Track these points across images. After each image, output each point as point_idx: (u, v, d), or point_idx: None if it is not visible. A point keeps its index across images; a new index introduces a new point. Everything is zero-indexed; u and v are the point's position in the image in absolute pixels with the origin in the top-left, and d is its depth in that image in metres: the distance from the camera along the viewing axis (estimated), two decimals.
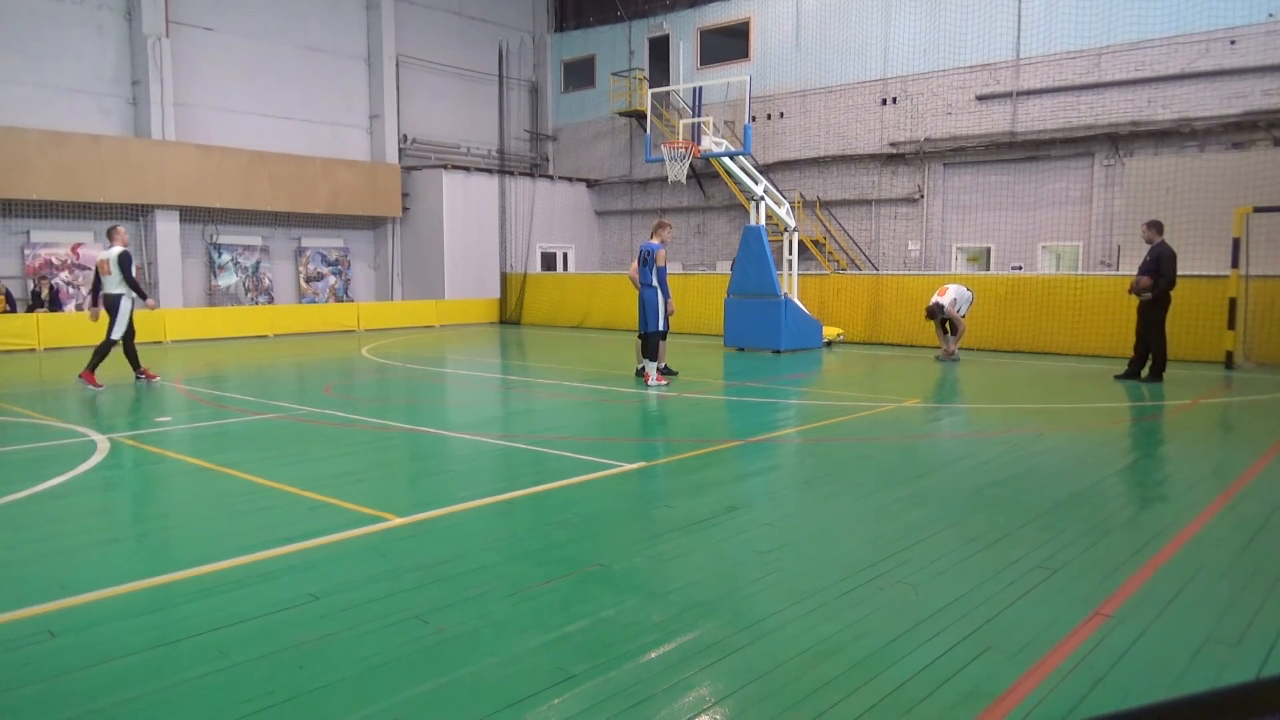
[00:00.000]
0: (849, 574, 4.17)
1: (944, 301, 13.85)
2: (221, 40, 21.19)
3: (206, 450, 7.38)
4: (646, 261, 11.11)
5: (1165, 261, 10.86)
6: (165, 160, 19.69)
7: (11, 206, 18.20)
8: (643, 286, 11.17)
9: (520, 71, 28.06)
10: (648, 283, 11.12)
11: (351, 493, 5.75)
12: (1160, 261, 10.87)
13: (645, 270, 11.13)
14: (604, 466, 6.46)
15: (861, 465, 6.77)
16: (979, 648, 3.34)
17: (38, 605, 3.78)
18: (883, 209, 21.76)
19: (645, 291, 11.14)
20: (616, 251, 27.36)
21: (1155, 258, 10.91)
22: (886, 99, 21.35)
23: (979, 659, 3.25)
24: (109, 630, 3.58)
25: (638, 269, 11.23)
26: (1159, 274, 10.89)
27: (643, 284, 11.17)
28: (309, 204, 22.31)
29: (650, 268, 11.08)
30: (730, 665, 3.21)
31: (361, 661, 3.24)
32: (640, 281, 11.20)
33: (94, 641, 3.45)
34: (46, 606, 3.77)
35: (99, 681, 3.10)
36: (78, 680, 3.10)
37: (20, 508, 5.45)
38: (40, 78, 18.51)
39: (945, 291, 14.03)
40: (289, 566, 4.33)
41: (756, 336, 15.61)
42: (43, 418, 8.87)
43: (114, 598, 3.92)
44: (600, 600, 3.85)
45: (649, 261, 11.09)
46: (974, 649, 3.33)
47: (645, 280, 11.15)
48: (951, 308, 13.89)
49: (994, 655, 3.29)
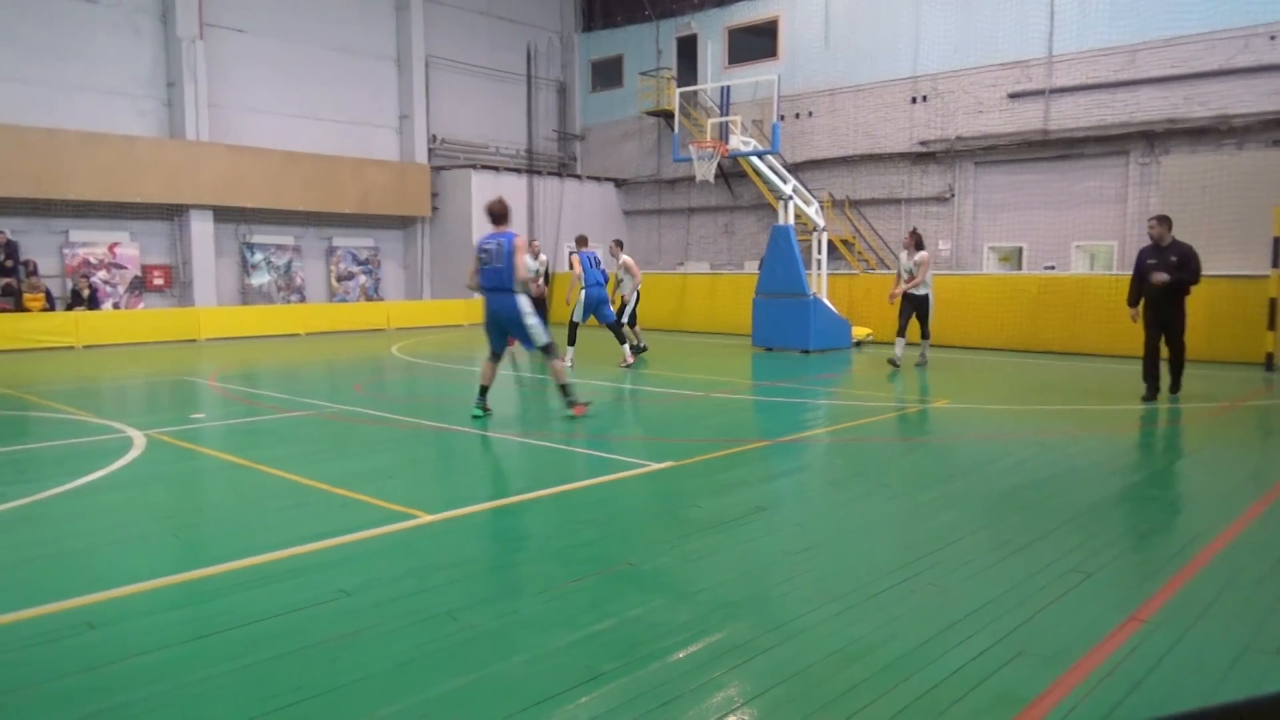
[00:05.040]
0: (879, 576, 4.14)
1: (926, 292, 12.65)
2: (254, 42, 21.45)
3: (240, 447, 7.48)
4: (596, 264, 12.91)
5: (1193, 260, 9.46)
6: (199, 161, 19.97)
7: (51, 207, 18.55)
8: (594, 286, 12.77)
9: (548, 71, 28.15)
10: (597, 282, 12.78)
11: (382, 490, 5.80)
12: (1188, 261, 9.39)
13: (596, 271, 12.83)
14: (632, 466, 6.47)
15: (891, 466, 6.72)
16: (1012, 652, 3.31)
17: (77, 598, 3.85)
18: (913, 208, 21.58)
19: (596, 290, 12.76)
20: (644, 251, 27.36)
21: (1183, 258, 9.39)
22: (917, 97, 21.17)
23: (1011, 663, 3.21)
24: (145, 623, 3.63)
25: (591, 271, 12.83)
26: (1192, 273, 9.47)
27: (593, 284, 12.76)
28: (340, 204, 22.53)
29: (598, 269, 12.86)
30: (758, 666, 3.20)
31: (391, 657, 3.26)
32: (589, 282, 12.76)
33: (130, 634, 3.50)
34: (85, 599, 3.84)
35: (135, 673, 3.14)
36: (115, 672, 3.15)
37: (60, 502, 5.56)
38: (78, 80, 18.84)
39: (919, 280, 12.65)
40: (320, 562, 4.37)
41: (784, 336, 15.54)
42: (81, 414, 9.02)
43: (150, 591, 3.98)
44: (628, 599, 3.85)
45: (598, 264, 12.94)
46: (1006, 653, 3.29)
47: (595, 280, 12.78)
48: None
49: (1027, 659, 3.25)
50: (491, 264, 8.07)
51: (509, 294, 8.06)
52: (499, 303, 8.13)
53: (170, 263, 20.58)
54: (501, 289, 8.06)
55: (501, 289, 8.06)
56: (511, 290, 8.05)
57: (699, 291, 20.92)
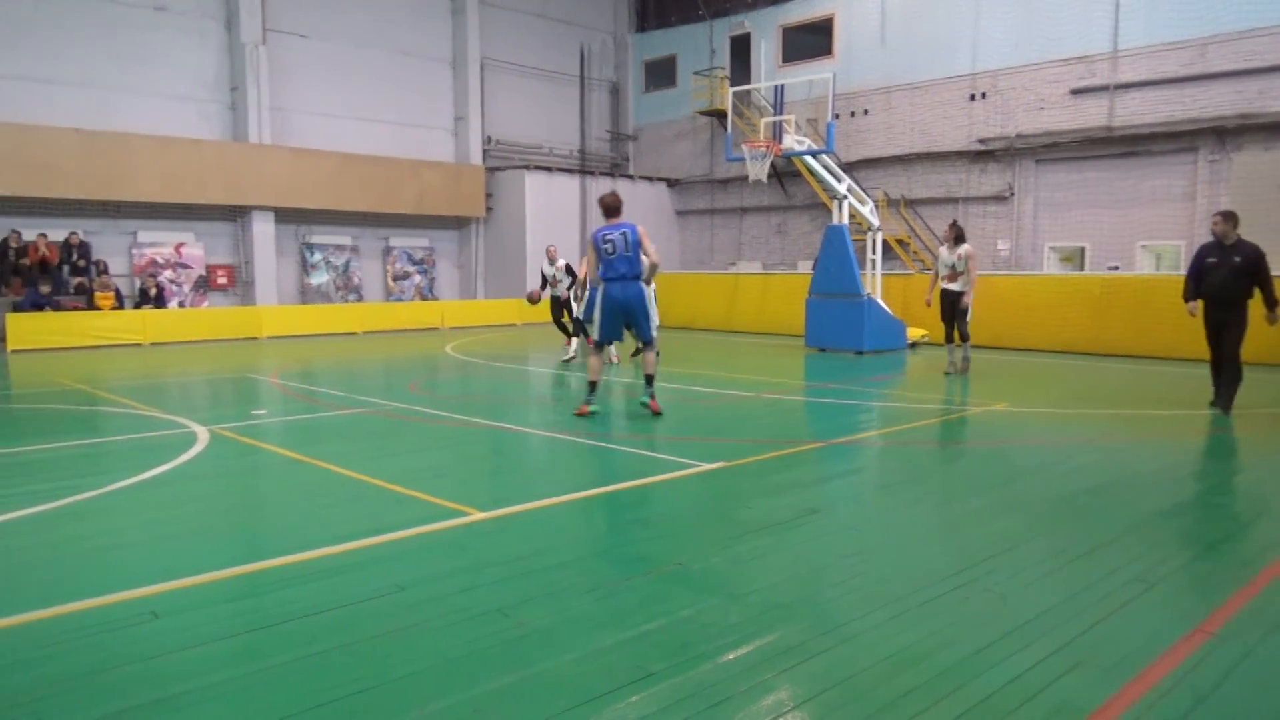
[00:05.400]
0: (933, 581, 4.07)
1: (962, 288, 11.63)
2: (314, 46, 21.90)
3: (298, 443, 7.64)
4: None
5: (1260, 261, 8.55)
6: (261, 163, 20.47)
7: (121, 208, 19.18)
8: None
9: (601, 72, 28.25)
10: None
11: (435, 487, 5.87)
12: (1259, 266, 8.54)
13: None
14: (682, 466, 6.46)
15: (947, 470, 6.61)
16: (1071, 661, 3.22)
17: (142, 588, 3.96)
18: (970, 207, 21.20)
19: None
20: (696, 251, 27.31)
21: (1253, 261, 8.54)
22: (975, 94, 20.79)
23: (1071, 673, 3.13)
24: (207, 614, 3.73)
25: None
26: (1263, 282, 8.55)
27: None
28: (396, 204, 22.90)
29: None
30: (810, 670, 3.17)
31: (443, 652, 3.30)
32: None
33: (193, 624, 3.60)
34: (150, 589, 3.96)
35: (197, 663, 3.23)
36: (177, 660, 3.24)
37: (127, 495, 5.73)
38: (147, 85, 19.44)
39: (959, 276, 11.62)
40: (375, 558, 4.44)
41: (838, 337, 15.38)
42: (148, 409, 9.30)
43: (212, 583, 4.09)
44: (679, 599, 3.85)
45: None
46: (1065, 662, 3.21)
47: None
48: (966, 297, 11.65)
49: (1087, 670, 3.17)
50: (618, 253, 8.26)
51: (638, 282, 8.35)
52: (629, 291, 8.31)
53: (233, 262, 21.13)
54: (632, 277, 8.30)
55: (632, 277, 8.30)
56: (640, 278, 8.36)
57: (751, 292, 20.81)
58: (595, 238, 8.31)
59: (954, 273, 11.60)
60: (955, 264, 11.55)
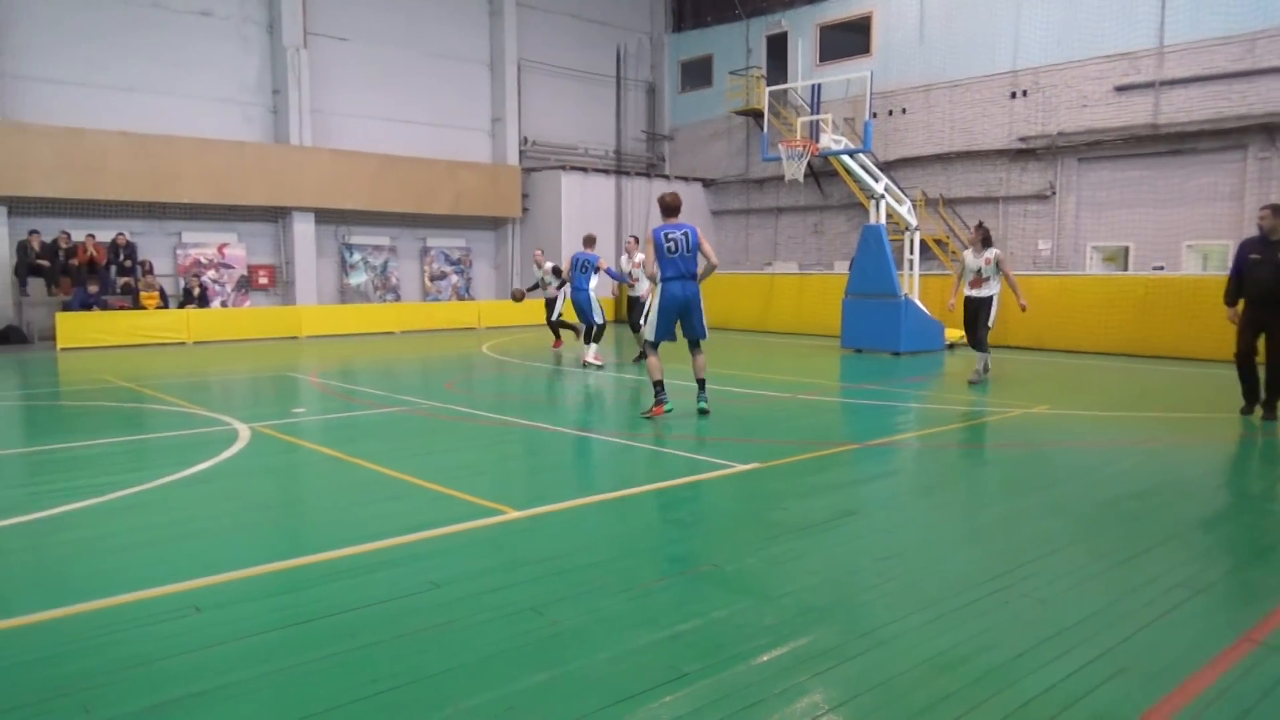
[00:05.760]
0: (971, 585, 4.02)
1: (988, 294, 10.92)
2: (354, 49, 22.18)
3: (337, 441, 7.74)
4: (586, 269, 12.82)
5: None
6: (302, 165, 20.77)
7: (166, 209, 19.57)
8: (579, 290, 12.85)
9: (638, 72, 28.28)
10: (582, 286, 12.81)
11: (472, 485, 5.92)
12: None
13: (583, 276, 12.83)
14: (717, 466, 6.44)
15: (985, 473, 6.53)
16: (1112, 669, 3.17)
17: (186, 581, 4.04)
18: (1011, 206, 20.91)
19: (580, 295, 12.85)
20: (732, 251, 27.22)
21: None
22: (1016, 92, 20.49)
23: (1112, 680, 3.08)
24: (248, 608, 3.79)
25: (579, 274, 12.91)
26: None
27: (579, 288, 12.84)
28: (434, 205, 23.11)
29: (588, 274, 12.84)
30: (844, 673, 3.15)
31: (478, 649, 3.33)
32: (575, 286, 12.89)
33: (234, 618, 3.66)
34: (193, 583, 4.03)
35: (239, 656, 3.29)
36: (219, 654, 3.30)
37: (171, 490, 5.85)
38: (191, 89, 19.82)
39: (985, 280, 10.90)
40: (412, 555, 4.49)
41: (875, 338, 15.25)
42: (191, 407, 9.48)
43: (253, 577, 4.16)
44: (712, 600, 3.84)
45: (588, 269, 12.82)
46: (1107, 670, 3.16)
47: (581, 285, 12.81)
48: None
49: (1129, 677, 3.11)
50: (679, 252, 8.27)
51: (695, 281, 8.39)
52: (688, 289, 8.34)
53: (274, 263, 21.47)
54: (691, 276, 8.34)
55: (691, 276, 8.34)
56: (697, 278, 8.42)
57: (787, 292, 20.70)
58: (657, 235, 8.31)
59: (979, 278, 10.83)
60: (982, 269, 10.79)
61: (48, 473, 6.60)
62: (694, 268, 8.35)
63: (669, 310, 8.36)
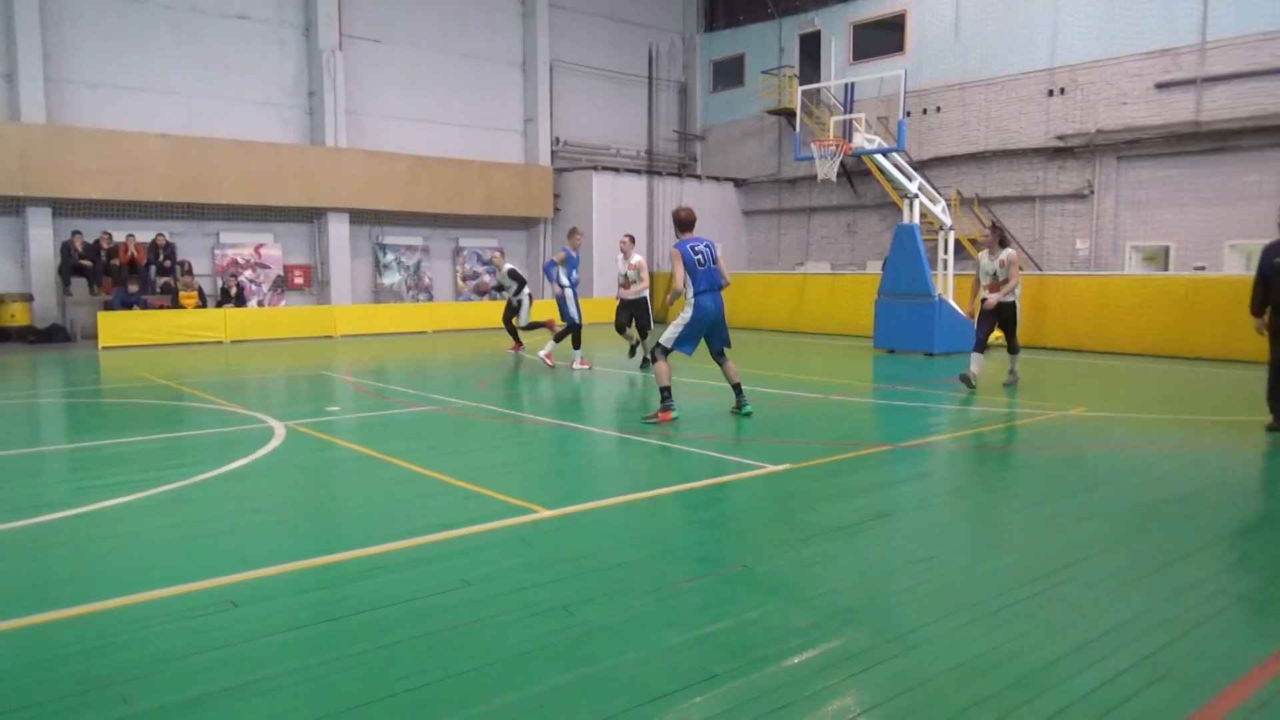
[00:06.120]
0: (1006, 589, 3.97)
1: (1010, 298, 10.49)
2: (388, 51, 22.39)
3: (371, 439, 7.81)
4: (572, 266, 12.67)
5: None
6: (337, 166, 21.01)
7: (204, 210, 19.89)
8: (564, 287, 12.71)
9: (669, 72, 28.27)
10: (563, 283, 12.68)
11: (502, 484, 5.95)
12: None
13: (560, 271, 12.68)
14: (748, 467, 6.42)
15: (1022, 475, 6.44)
16: (1151, 675, 3.11)
17: (222, 577, 4.10)
18: (1047, 205, 20.62)
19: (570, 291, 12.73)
20: (764, 251, 27.14)
21: None
22: (1053, 89, 20.21)
23: (1151, 688, 3.02)
24: (282, 604, 3.84)
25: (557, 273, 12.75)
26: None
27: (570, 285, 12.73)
28: (466, 205, 23.28)
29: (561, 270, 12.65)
30: (876, 676, 3.12)
31: (509, 648, 3.34)
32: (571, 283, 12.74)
33: (269, 614, 3.71)
34: (229, 578, 4.09)
35: (273, 651, 3.33)
36: (254, 648, 3.35)
37: (209, 487, 5.94)
38: (229, 92, 20.13)
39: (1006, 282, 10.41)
40: (444, 552, 4.52)
41: (908, 338, 15.12)
42: (228, 404, 9.62)
43: (287, 573, 4.21)
44: (743, 601, 3.83)
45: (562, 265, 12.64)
46: (1146, 676, 3.10)
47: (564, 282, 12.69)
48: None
49: (1168, 685, 3.05)
50: (708, 265, 8.35)
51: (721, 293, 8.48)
52: (719, 302, 8.41)
53: (309, 263, 21.74)
54: (720, 288, 8.43)
55: (720, 288, 8.43)
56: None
57: (819, 292, 20.58)
58: (684, 249, 8.30)
59: (996, 281, 10.39)
60: (998, 272, 10.35)
61: (90, 468, 6.73)
62: (720, 280, 8.41)
63: (702, 324, 8.30)
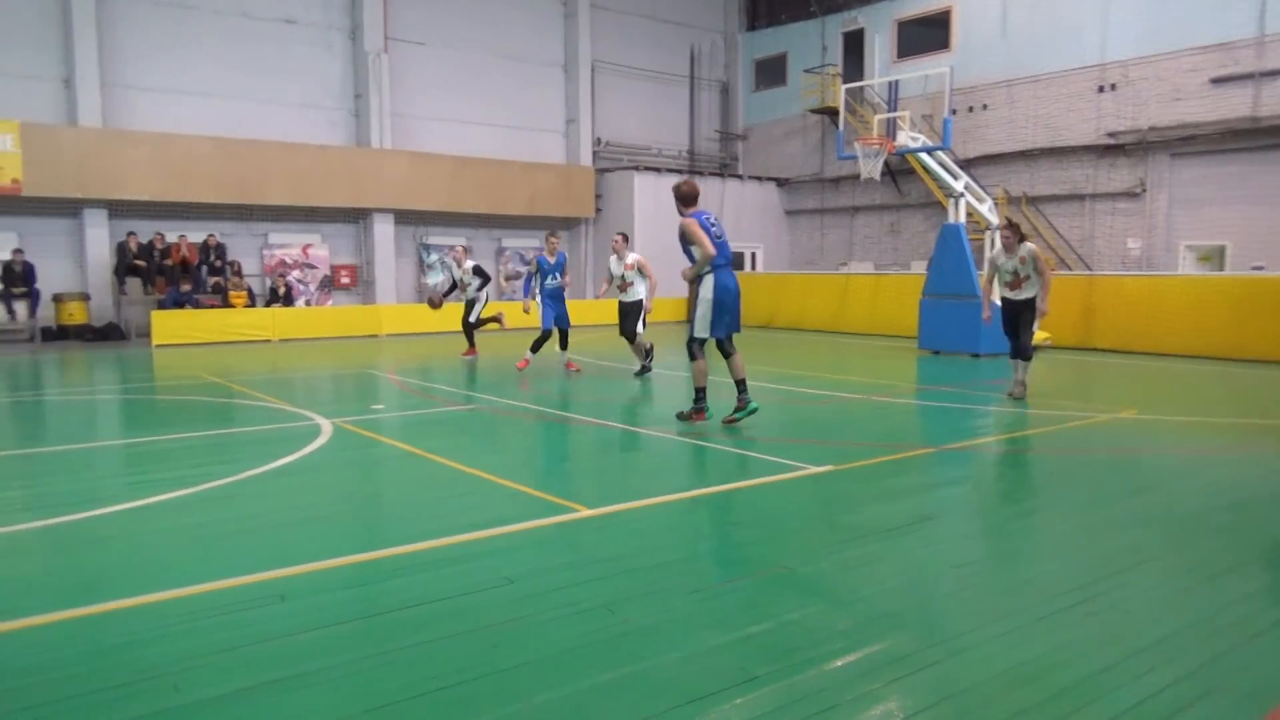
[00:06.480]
0: (1053, 595, 3.90)
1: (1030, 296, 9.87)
2: (432, 54, 22.64)
3: (415, 437, 7.91)
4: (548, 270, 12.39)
5: None
6: (382, 167, 21.30)
7: (253, 211, 20.28)
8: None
9: (711, 72, 28.21)
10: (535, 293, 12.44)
11: (544, 483, 5.98)
12: None
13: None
14: (789, 468, 6.38)
15: (1070, 480, 6.32)
16: (1202, 687, 3.04)
17: (271, 571, 4.18)
18: (1098, 204, 20.21)
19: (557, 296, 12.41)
20: (806, 251, 26.96)
21: None
22: (1104, 86, 19.80)
23: (1202, 700, 2.95)
24: (328, 599, 3.90)
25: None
26: None
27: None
28: (508, 206, 23.44)
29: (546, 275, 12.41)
30: (920, 681, 3.09)
31: (549, 646, 3.36)
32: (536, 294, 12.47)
33: (315, 608, 3.77)
34: (278, 572, 4.17)
35: (318, 645, 3.38)
36: (301, 642, 3.41)
37: (258, 482, 6.06)
38: (277, 95, 20.51)
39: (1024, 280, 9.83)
40: (486, 550, 4.56)
41: (953, 339, 14.92)
42: (277, 402, 9.80)
43: (333, 569, 4.28)
44: (784, 603, 3.81)
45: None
46: (1196, 688, 3.03)
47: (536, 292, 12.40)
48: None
49: (1221, 697, 2.98)
50: (724, 237, 7.70)
51: None
52: (736, 279, 7.78)
53: (355, 262, 22.06)
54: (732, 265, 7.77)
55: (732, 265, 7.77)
56: None
57: (862, 292, 20.39)
58: (701, 219, 7.57)
59: (1018, 279, 9.84)
60: (1019, 269, 9.79)
61: (144, 464, 6.90)
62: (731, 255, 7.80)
63: (725, 302, 7.59)
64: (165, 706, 2.91)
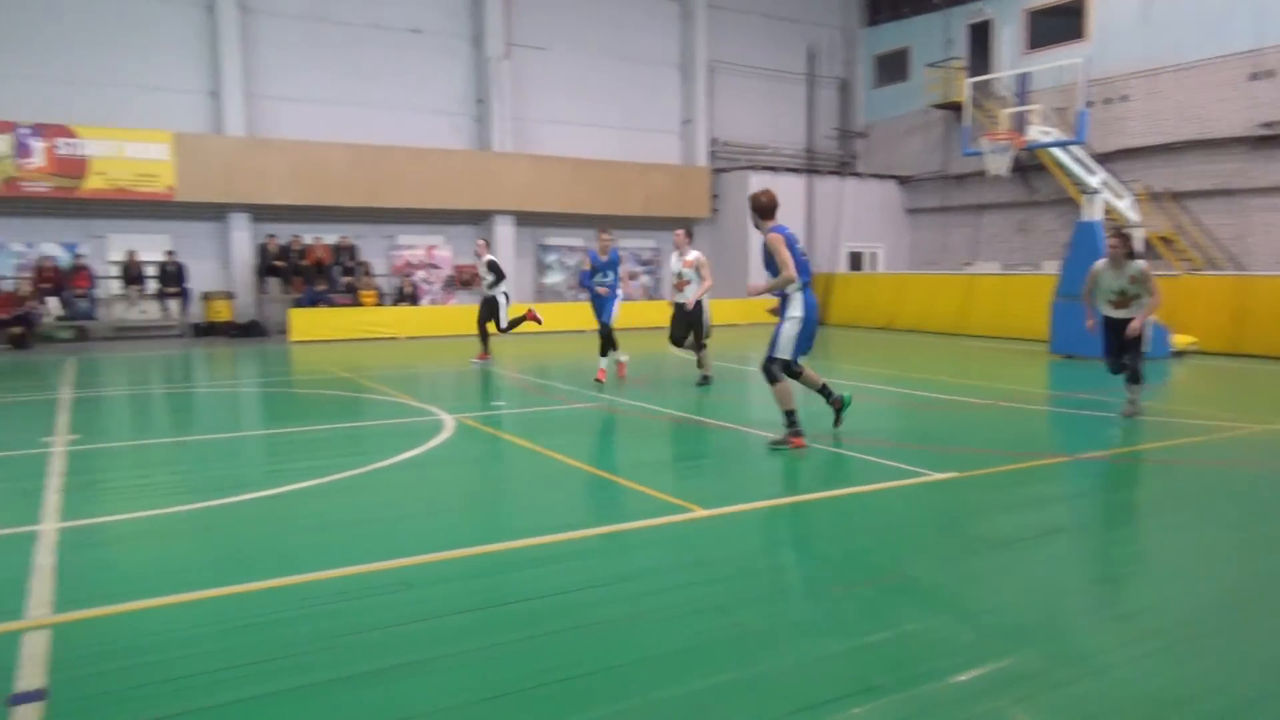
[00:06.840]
0: (1201, 615, 3.65)
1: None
2: (552, 58, 23.07)
3: (534, 433, 8.06)
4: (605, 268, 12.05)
5: None
6: (503, 170, 21.85)
7: (381, 214, 21.15)
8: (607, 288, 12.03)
9: (829, 68, 27.71)
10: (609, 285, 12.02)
11: (659, 482, 6.00)
12: None
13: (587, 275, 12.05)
14: (910, 474, 6.20)
15: (1220, 493, 5.91)
16: None
17: (399, 559, 4.34)
18: (1251, 200, 18.83)
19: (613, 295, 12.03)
20: (928, 251, 26.16)
21: None
22: (1258, 73, 18.43)
23: None
24: (451, 588, 4.02)
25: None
26: None
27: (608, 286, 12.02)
28: (624, 207, 23.64)
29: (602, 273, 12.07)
30: (1050, 701, 2.94)
31: (664, 645, 3.36)
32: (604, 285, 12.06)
33: (439, 596, 3.89)
34: (405, 561, 4.32)
35: (439, 632, 3.49)
36: (422, 629, 3.52)
37: (385, 474, 6.30)
38: (404, 101, 21.33)
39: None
40: (602, 547, 4.61)
41: (1089, 343, 14.06)
42: (403, 397, 10.18)
43: (456, 559, 4.40)
44: (904, 613, 3.69)
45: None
46: None
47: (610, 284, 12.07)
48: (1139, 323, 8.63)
49: None
50: (807, 257, 7.23)
51: None
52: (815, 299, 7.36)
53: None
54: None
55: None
56: None
57: (988, 293, 19.62)
58: (786, 234, 7.06)
59: (1124, 298, 8.80)
60: (1126, 288, 8.73)
61: (282, 453, 7.29)
62: None
63: (811, 322, 7.18)
64: (301, 684, 3.06)
